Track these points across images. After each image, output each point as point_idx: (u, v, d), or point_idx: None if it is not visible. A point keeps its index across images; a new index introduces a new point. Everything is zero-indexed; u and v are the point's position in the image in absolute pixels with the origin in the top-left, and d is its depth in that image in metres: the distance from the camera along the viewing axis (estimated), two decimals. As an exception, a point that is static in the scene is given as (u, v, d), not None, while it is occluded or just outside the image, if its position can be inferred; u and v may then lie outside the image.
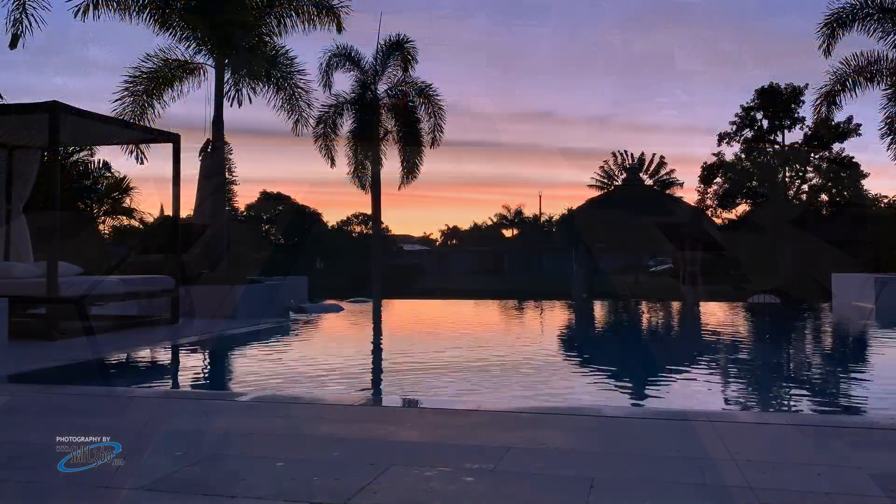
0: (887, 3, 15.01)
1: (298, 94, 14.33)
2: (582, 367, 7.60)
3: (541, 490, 2.79)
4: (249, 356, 8.32)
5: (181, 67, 13.46)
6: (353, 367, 7.43)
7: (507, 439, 3.55)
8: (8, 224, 9.87)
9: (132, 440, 3.51)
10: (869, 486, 2.86)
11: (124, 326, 9.41)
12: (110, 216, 19.07)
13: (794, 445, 3.58)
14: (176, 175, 10.13)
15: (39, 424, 4.04)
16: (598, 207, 21.62)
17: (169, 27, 12.80)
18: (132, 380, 6.68)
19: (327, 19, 13.79)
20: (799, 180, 43.38)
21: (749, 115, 43.71)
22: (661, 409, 5.01)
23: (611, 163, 54.42)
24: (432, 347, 8.90)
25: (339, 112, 22.41)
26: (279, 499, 2.66)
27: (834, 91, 15.72)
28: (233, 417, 4.22)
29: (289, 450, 3.39)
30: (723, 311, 14.75)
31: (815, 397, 5.71)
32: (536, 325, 12.34)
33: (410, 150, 22.24)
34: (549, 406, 4.93)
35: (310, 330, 10.46)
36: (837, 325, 11.98)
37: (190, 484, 2.85)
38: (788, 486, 2.84)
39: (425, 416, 4.37)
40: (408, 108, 22.27)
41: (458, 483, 2.85)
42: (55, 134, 8.02)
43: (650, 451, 3.39)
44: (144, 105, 13.12)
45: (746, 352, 8.80)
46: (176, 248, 10.54)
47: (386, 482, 2.84)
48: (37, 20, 10.78)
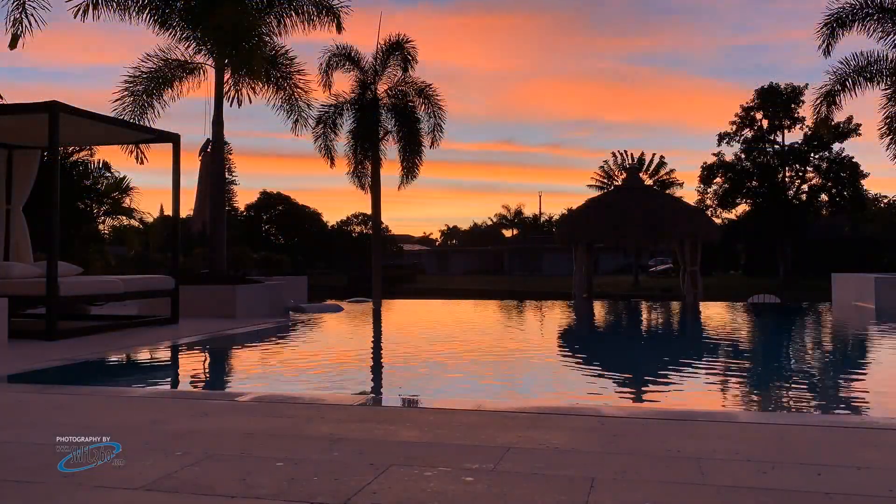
0: (887, 3, 15.02)
1: (298, 94, 14.35)
2: (582, 367, 7.60)
3: (541, 490, 2.79)
4: (249, 356, 8.33)
5: (181, 67, 13.47)
6: (353, 366, 7.43)
7: (507, 439, 3.55)
8: (8, 224, 9.88)
9: (132, 440, 3.51)
10: (869, 486, 2.86)
11: (124, 326, 9.41)
12: (110, 216, 19.07)
13: (794, 445, 3.58)
14: (176, 175, 10.14)
15: (39, 424, 4.04)
16: (598, 207, 21.62)
17: (169, 27, 12.81)
18: (132, 380, 6.69)
19: (327, 19, 13.80)
20: (799, 180, 43.39)
21: (749, 115, 43.75)
22: (661, 409, 5.01)
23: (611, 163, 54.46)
24: (432, 347, 8.91)
25: (339, 112, 22.42)
26: (279, 499, 2.66)
27: (834, 91, 15.73)
28: (232, 417, 4.22)
29: (289, 450, 3.39)
30: (722, 310, 14.75)
31: (815, 397, 5.71)
32: (536, 324, 12.35)
33: (410, 149, 22.25)
34: (549, 406, 4.93)
35: (309, 330, 10.46)
36: (837, 325, 11.98)
37: (190, 484, 2.85)
38: (788, 486, 2.84)
39: (425, 416, 4.37)
40: (408, 108, 22.28)
41: (458, 483, 2.85)
42: (55, 134, 8.02)
43: (650, 451, 3.39)
44: (144, 105, 13.13)
45: (746, 351, 8.80)
46: (175, 247, 10.54)
47: (386, 482, 2.84)
48: (37, 20, 10.78)
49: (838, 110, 16.09)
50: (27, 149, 9.96)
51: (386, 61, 22.46)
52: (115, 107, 12.91)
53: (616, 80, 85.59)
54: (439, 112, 21.93)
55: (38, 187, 10.04)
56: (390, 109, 22.56)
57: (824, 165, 42.42)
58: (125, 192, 18.67)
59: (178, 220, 10.45)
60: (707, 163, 44.10)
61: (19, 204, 9.99)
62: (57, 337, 7.89)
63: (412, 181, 22.45)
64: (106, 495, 2.74)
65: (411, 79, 22.36)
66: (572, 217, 24.05)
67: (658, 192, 29.83)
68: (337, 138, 22.35)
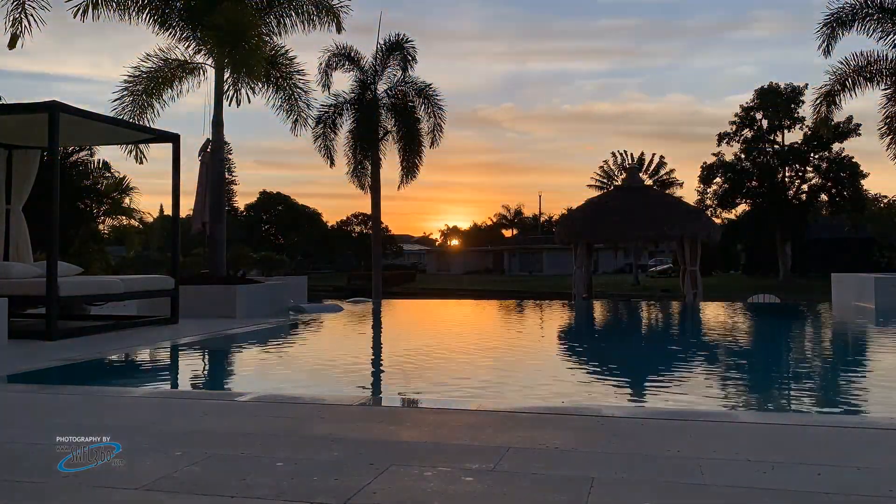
0: (887, 3, 15.02)
1: (298, 94, 14.34)
2: (581, 367, 7.60)
3: (541, 490, 2.79)
4: (249, 356, 8.32)
5: (181, 67, 13.47)
6: (353, 366, 7.43)
7: (507, 439, 3.56)
8: (8, 224, 9.88)
9: (132, 440, 3.51)
10: (869, 485, 2.86)
11: (124, 326, 9.41)
12: (110, 216, 19.06)
13: (794, 445, 3.58)
14: (176, 175, 10.14)
15: (39, 424, 4.04)
16: (598, 207, 21.61)
17: (168, 27, 12.80)
18: (132, 379, 6.69)
19: (327, 19, 13.80)
20: (799, 180, 43.39)
21: (749, 115, 43.76)
22: (660, 409, 5.01)
23: (610, 163, 54.50)
24: (432, 347, 8.90)
25: (339, 112, 22.45)
26: (279, 499, 2.66)
27: (833, 91, 15.74)
28: (232, 417, 4.22)
29: (289, 450, 3.39)
30: (722, 310, 14.75)
31: (815, 397, 5.71)
32: (536, 324, 12.35)
33: (410, 149, 22.27)
34: (549, 406, 4.93)
35: (309, 330, 10.46)
36: (837, 325, 11.98)
37: (190, 484, 2.85)
38: (788, 486, 2.84)
39: (425, 416, 4.37)
40: (407, 107, 22.30)
41: (458, 483, 2.85)
42: (55, 134, 8.02)
43: (650, 451, 3.39)
44: (144, 105, 13.13)
45: (746, 351, 8.80)
46: (175, 247, 10.54)
47: (386, 482, 2.84)
48: (36, 20, 10.78)
49: (838, 110, 16.13)
50: (27, 149, 9.96)
51: (386, 61, 22.47)
52: (115, 106, 12.93)
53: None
54: (439, 112, 21.96)
55: (38, 187, 10.04)
56: (390, 109, 22.57)
57: (824, 165, 42.44)
58: (125, 192, 18.67)
59: (178, 220, 10.45)
60: (707, 163, 44.14)
61: (19, 204, 9.98)
62: (57, 337, 7.89)
63: (412, 181, 22.49)
64: (106, 495, 2.74)
65: (411, 78, 22.38)
66: (572, 217, 24.04)
67: (658, 192, 29.83)
68: (336, 138, 22.39)
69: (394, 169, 23.15)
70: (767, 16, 78.37)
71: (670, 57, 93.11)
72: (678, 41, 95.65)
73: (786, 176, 43.18)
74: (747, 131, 43.86)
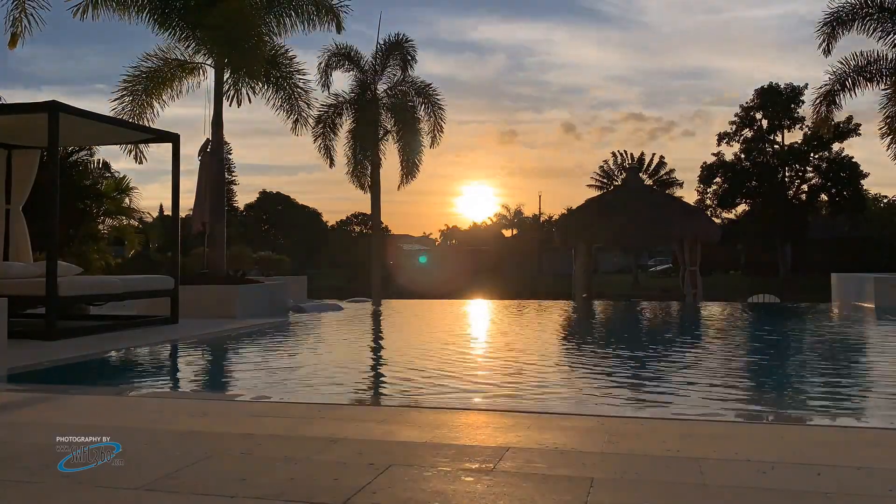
0: (887, 2, 15.02)
1: (298, 94, 14.35)
2: (581, 367, 7.59)
3: (541, 490, 2.79)
4: (249, 356, 8.32)
5: (181, 67, 13.48)
6: (353, 366, 7.43)
7: (507, 439, 3.55)
8: (7, 224, 9.88)
9: (132, 440, 3.51)
10: (869, 485, 2.86)
11: (124, 326, 9.41)
12: (110, 216, 19.06)
13: (794, 445, 3.58)
14: (175, 175, 10.14)
15: (39, 424, 4.04)
16: (598, 207, 21.62)
17: (168, 26, 12.81)
18: (131, 379, 6.69)
19: (327, 19, 13.81)
20: (799, 180, 43.38)
21: (749, 114, 43.74)
22: (660, 409, 5.01)
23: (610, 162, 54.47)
24: (431, 347, 8.90)
25: (339, 112, 22.46)
26: (279, 499, 2.66)
27: (833, 91, 15.74)
28: (232, 417, 4.22)
29: (289, 450, 3.39)
30: (722, 310, 14.75)
31: (814, 397, 5.71)
32: (535, 325, 12.35)
33: (410, 149, 22.27)
34: (549, 406, 4.93)
35: (309, 330, 10.46)
36: (836, 325, 11.98)
37: (190, 484, 2.85)
38: (788, 486, 2.84)
39: (425, 416, 4.37)
40: (407, 107, 22.30)
41: (458, 483, 2.85)
42: (55, 134, 8.02)
43: (650, 451, 3.38)
44: (144, 105, 13.14)
45: (746, 351, 8.80)
46: (175, 247, 10.54)
47: (386, 482, 2.84)
48: (36, 19, 10.78)
49: (838, 110, 16.13)
50: (27, 149, 9.96)
51: (385, 61, 22.49)
52: (115, 106, 12.93)
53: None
54: (439, 112, 21.96)
55: (38, 187, 10.05)
56: (390, 109, 22.58)
57: (824, 165, 42.41)
58: (125, 191, 18.66)
59: (178, 220, 10.45)
60: (707, 163, 44.13)
61: (19, 204, 9.98)
62: (57, 337, 7.89)
63: (412, 181, 22.50)
64: (106, 495, 2.74)
65: (411, 78, 22.39)
66: (572, 217, 24.05)
67: (658, 192, 29.83)
68: (336, 138, 22.39)
69: (394, 169, 23.15)
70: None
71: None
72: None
73: (786, 176, 43.17)
74: (747, 131, 43.85)
